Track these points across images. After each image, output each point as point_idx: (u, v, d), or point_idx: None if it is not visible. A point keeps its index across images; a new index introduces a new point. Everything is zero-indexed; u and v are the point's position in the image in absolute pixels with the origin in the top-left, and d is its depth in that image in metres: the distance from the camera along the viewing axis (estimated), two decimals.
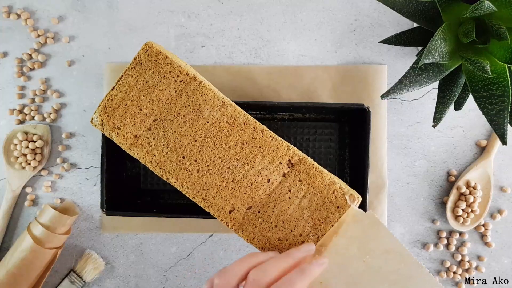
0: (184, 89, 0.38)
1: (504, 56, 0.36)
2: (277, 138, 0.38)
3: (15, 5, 0.52)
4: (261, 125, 0.38)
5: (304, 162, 0.38)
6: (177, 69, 0.38)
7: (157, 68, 0.38)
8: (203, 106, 0.38)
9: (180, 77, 0.38)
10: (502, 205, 0.53)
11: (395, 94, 0.39)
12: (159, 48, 0.39)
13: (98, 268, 0.51)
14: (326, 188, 0.37)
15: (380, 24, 0.52)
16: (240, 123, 0.38)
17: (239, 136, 0.38)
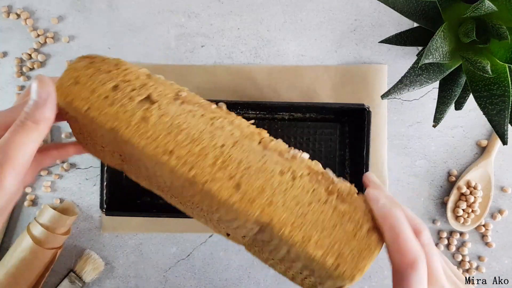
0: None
1: (504, 56, 0.36)
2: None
3: (14, 4, 0.52)
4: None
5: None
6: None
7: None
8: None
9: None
10: (503, 205, 0.53)
11: (395, 94, 0.39)
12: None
13: (97, 269, 0.51)
14: None
15: (380, 24, 0.52)
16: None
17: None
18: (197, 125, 0.28)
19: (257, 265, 0.53)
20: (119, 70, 0.30)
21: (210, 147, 0.28)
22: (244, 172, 0.28)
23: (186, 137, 0.28)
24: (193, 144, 0.28)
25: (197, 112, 0.28)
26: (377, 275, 0.53)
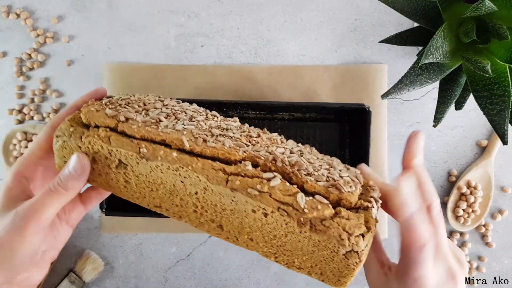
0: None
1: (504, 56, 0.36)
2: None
3: (14, 4, 0.52)
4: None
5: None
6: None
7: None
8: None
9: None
10: (503, 205, 0.53)
11: (395, 94, 0.39)
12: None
13: (97, 269, 0.51)
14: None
15: (380, 23, 0.52)
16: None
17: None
18: (168, 178, 0.31)
19: (257, 265, 0.53)
20: (86, 144, 0.32)
21: (187, 196, 0.31)
22: (222, 214, 0.31)
23: (164, 191, 0.32)
24: (173, 196, 0.32)
25: (163, 167, 0.30)
26: None
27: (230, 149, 0.30)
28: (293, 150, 0.33)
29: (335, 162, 0.34)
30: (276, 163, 0.30)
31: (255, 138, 0.33)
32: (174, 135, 0.30)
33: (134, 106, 0.33)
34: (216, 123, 0.34)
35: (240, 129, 0.34)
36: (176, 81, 0.51)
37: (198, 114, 0.35)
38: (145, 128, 0.31)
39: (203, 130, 0.32)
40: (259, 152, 0.31)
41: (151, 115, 0.32)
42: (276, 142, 0.34)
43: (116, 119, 0.31)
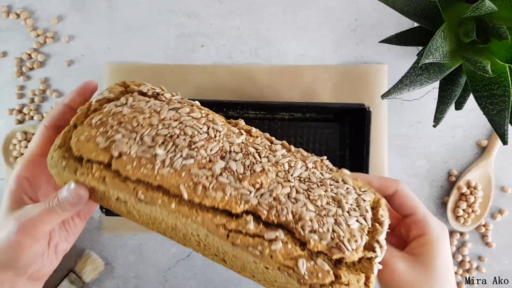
0: None
1: (504, 56, 0.36)
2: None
3: (14, 4, 0.52)
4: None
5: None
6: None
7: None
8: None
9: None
10: (503, 205, 0.53)
11: (395, 94, 0.39)
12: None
13: (97, 269, 0.51)
14: None
15: (380, 23, 0.52)
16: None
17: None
18: (169, 219, 0.30)
19: None
20: (81, 179, 0.31)
21: (189, 234, 0.31)
22: (224, 254, 0.31)
23: (166, 226, 0.32)
24: (176, 231, 0.32)
25: (162, 211, 0.30)
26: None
27: (231, 200, 0.29)
28: (301, 183, 0.31)
29: (344, 192, 0.32)
30: (279, 217, 0.29)
31: (259, 177, 0.30)
32: (172, 180, 0.29)
33: (127, 127, 0.30)
34: (218, 145, 0.31)
35: (244, 152, 0.32)
36: (176, 81, 0.51)
37: (198, 130, 0.32)
38: (141, 170, 0.29)
39: (203, 164, 0.30)
40: (262, 201, 0.29)
41: (147, 141, 0.30)
42: (284, 169, 0.32)
43: (109, 152, 0.29)
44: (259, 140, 0.33)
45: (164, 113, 0.31)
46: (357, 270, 0.29)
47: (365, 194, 0.32)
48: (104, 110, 0.31)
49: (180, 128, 0.31)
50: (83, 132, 0.30)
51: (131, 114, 0.31)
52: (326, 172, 0.33)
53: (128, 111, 0.31)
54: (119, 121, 0.30)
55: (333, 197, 0.31)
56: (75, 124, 0.31)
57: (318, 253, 0.28)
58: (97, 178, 0.29)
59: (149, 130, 0.30)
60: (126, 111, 0.31)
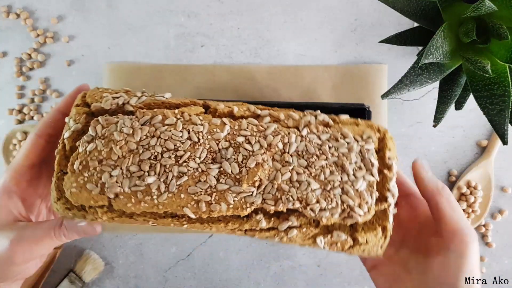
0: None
1: (504, 56, 0.36)
2: None
3: (14, 4, 0.52)
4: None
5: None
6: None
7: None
8: None
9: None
10: (503, 205, 0.53)
11: (395, 94, 0.39)
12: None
13: (97, 269, 0.51)
14: None
15: (380, 23, 0.52)
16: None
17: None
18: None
19: (257, 265, 0.53)
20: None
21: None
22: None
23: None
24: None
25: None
26: None
27: (237, 206, 0.29)
28: (300, 158, 0.31)
29: (346, 151, 0.31)
30: (285, 205, 0.29)
31: (256, 173, 0.30)
32: (174, 205, 0.29)
33: (109, 163, 0.29)
34: (205, 148, 0.30)
35: (234, 145, 0.31)
36: (176, 81, 0.51)
37: (180, 140, 0.30)
38: (141, 205, 0.29)
39: (198, 177, 0.30)
40: (266, 196, 0.30)
41: (134, 171, 0.29)
42: (279, 149, 0.31)
43: (105, 195, 0.29)
44: (244, 123, 0.31)
45: (139, 134, 0.30)
46: (373, 224, 0.30)
47: (367, 142, 0.31)
48: (79, 149, 0.30)
49: (160, 144, 0.30)
50: (72, 183, 0.29)
51: (106, 147, 0.30)
52: (323, 133, 0.32)
53: (102, 145, 0.30)
54: (99, 160, 0.29)
55: (336, 162, 0.30)
56: (60, 170, 0.31)
57: (333, 226, 0.30)
58: (106, 220, 0.30)
59: (131, 158, 0.29)
60: (100, 145, 0.30)
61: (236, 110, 0.32)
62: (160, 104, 0.32)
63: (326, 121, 0.33)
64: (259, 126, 0.32)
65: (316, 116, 0.33)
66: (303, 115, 0.33)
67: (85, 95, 0.33)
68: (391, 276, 0.33)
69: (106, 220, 0.30)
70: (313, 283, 0.53)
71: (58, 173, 0.30)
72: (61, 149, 0.31)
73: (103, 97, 0.32)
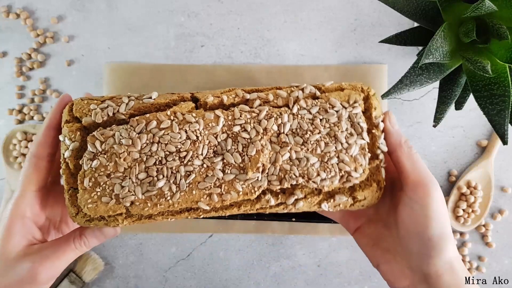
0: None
1: (504, 56, 0.36)
2: None
3: (14, 4, 0.52)
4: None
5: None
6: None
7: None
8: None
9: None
10: (503, 205, 0.53)
11: (395, 94, 0.39)
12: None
13: (97, 269, 0.51)
14: None
15: (380, 23, 0.52)
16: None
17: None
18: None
19: (257, 265, 0.53)
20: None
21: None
22: None
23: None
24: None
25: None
26: (377, 275, 0.53)
27: (246, 192, 0.32)
28: (296, 136, 0.32)
29: (336, 120, 0.33)
30: (291, 183, 0.32)
31: (258, 160, 0.32)
32: (188, 202, 0.31)
33: (118, 175, 0.31)
34: (205, 144, 0.32)
35: (231, 136, 0.32)
36: (176, 81, 0.51)
37: (180, 141, 0.31)
38: (158, 207, 0.31)
39: (204, 172, 0.31)
40: (271, 178, 0.32)
41: (144, 178, 0.31)
42: (274, 131, 0.32)
43: (122, 204, 0.31)
44: (237, 112, 0.33)
45: (138, 143, 0.31)
46: (368, 181, 0.33)
47: (354, 107, 0.33)
48: (84, 167, 0.31)
49: (162, 149, 0.31)
50: (86, 199, 0.31)
51: (110, 161, 0.31)
52: (312, 106, 0.33)
53: (106, 160, 0.31)
54: (107, 174, 0.31)
55: (328, 133, 0.33)
56: (70, 187, 0.32)
57: (333, 191, 0.33)
58: (128, 224, 0.32)
59: (138, 167, 0.31)
60: (104, 161, 0.31)
61: (225, 99, 0.34)
62: (150, 106, 0.33)
63: (313, 92, 0.34)
64: (252, 112, 0.33)
65: (303, 89, 0.34)
66: (290, 91, 0.35)
67: (72, 109, 0.33)
68: (374, 235, 0.35)
69: (127, 224, 0.32)
70: (313, 283, 0.53)
71: (69, 191, 0.32)
72: (66, 168, 0.32)
73: (91, 110, 0.32)
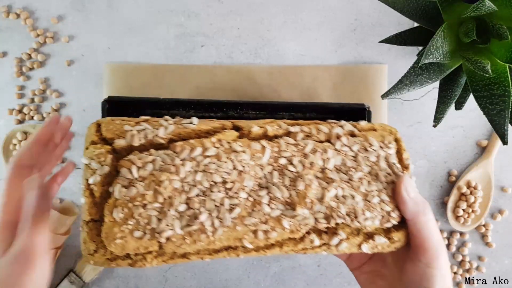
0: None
1: (504, 56, 0.36)
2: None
3: (14, 4, 0.52)
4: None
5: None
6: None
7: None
8: None
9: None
10: (503, 205, 0.53)
11: (395, 94, 0.39)
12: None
13: (97, 269, 0.51)
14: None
15: (380, 23, 0.52)
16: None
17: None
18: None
19: (257, 265, 0.53)
20: None
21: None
22: None
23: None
24: None
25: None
26: None
27: (292, 229, 0.30)
28: (340, 173, 0.32)
29: (375, 158, 0.33)
30: (337, 222, 0.31)
31: (306, 195, 0.30)
32: (231, 239, 0.28)
33: (155, 206, 0.27)
34: (251, 176, 0.30)
35: (278, 168, 0.31)
36: (176, 81, 0.51)
37: (226, 171, 0.29)
38: (196, 244, 0.28)
39: (251, 207, 0.29)
40: (317, 216, 0.30)
41: (184, 212, 0.28)
42: (320, 166, 0.31)
43: (156, 240, 0.27)
44: (283, 144, 0.31)
45: (182, 171, 0.28)
46: (404, 222, 0.32)
47: (389, 148, 0.34)
48: (116, 196, 0.27)
49: (207, 179, 0.28)
50: (115, 234, 0.27)
51: (149, 189, 0.28)
52: (353, 143, 0.33)
53: (143, 189, 0.28)
54: (143, 204, 0.27)
55: (370, 172, 0.32)
56: (92, 219, 0.28)
57: (372, 231, 0.32)
58: (156, 264, 0.28)
59: (179, 198, 0.28)
60: (142, 189, 0.27)
61: (269, 130, 0.32)
62: (190, 132, 0.31)
63: (351, 130, 0.34)
64: (297, 145, 0.32)
65: (342, 126, 0.34)
66: (330, 126, 0.34)
67: (99, 129, 0.30)
68: (373, 273, 0.36)
69: (156, 264, 0.28)
70: (313, 283, 0.53)
71: (89, 223, 0.28)
72: (89, 197, 0.28)
73: (125, 131, 0.29)
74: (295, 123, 0.34)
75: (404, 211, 0.32)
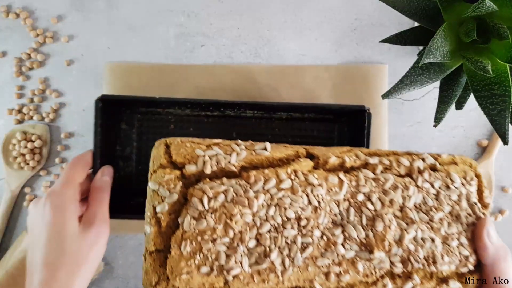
0: None
1: (505, 56, 0.36)
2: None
3: (14, 4, 0.52)
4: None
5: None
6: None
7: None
8: None
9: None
10: (503, 205, 0.53)
11: (396, 94, 0.39)
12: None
13: (97, 269, 0.51)
14: None
15: (380, 23, 0.52)
16: None
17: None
18: None
19: None
20: None
21: None
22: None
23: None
24: None
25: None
26: None
27: (366, 273, 0.28)
28: (420, 212, 0.30)
29: (457, 197, 0.31)
30: (414, 267, 0.29)
31: (385, 238, 0.28)
32: (301, 280, 0.27)
33: (225, 241, 0.26)
34: (326, 212, 0.28)
35: (355, 205, 0.29)
36: (176, 81, 0.51)
37: (301, 206, 0.27)
38: (264, 284, 0.26)
39: (324, 247, 0.27)
40: (393, 259, 0.28)
41: (254, 248, 0.26)
42: (399, 205, 0.29)
43: (222, 277, 0.26)
44: (362, 178, 0.29)
45: (255, 205, 0.26)
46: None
47: (471, 185, 0.31)
48: (185, 228, 0.26)
49: (280, 214, 0.27)
50: (181, 269, 0.26)
51: (219, 222, 0.26)
52: (435, 179, 0.30)
53: (214, 222, 0.26)
54: (212, 239, 0.26)
55: (451, 212, 0.30)
56: (156, 250, 0.27)
57: (448, 276, 0.30)
58: None
59: (249, 233, 0.26)
60: (212, 222, 0.26)
61: (347, 161, 0.30)
62: (263, 159, 0.29)
63: (433, 163, 0.32)
64: (377, 180, 0.30)
65: (424, 159, 0.32)
66: (411, 159, 0.31)
67: (168, 150, 0.29)
68: None
69: None
70: None
71: (152, 253, 0.27)
72: (155, 225, 0.27)
73: (197, 156, 0.28)
74: (373, 153, 0.31)
75: (483, 256, 0.30)
